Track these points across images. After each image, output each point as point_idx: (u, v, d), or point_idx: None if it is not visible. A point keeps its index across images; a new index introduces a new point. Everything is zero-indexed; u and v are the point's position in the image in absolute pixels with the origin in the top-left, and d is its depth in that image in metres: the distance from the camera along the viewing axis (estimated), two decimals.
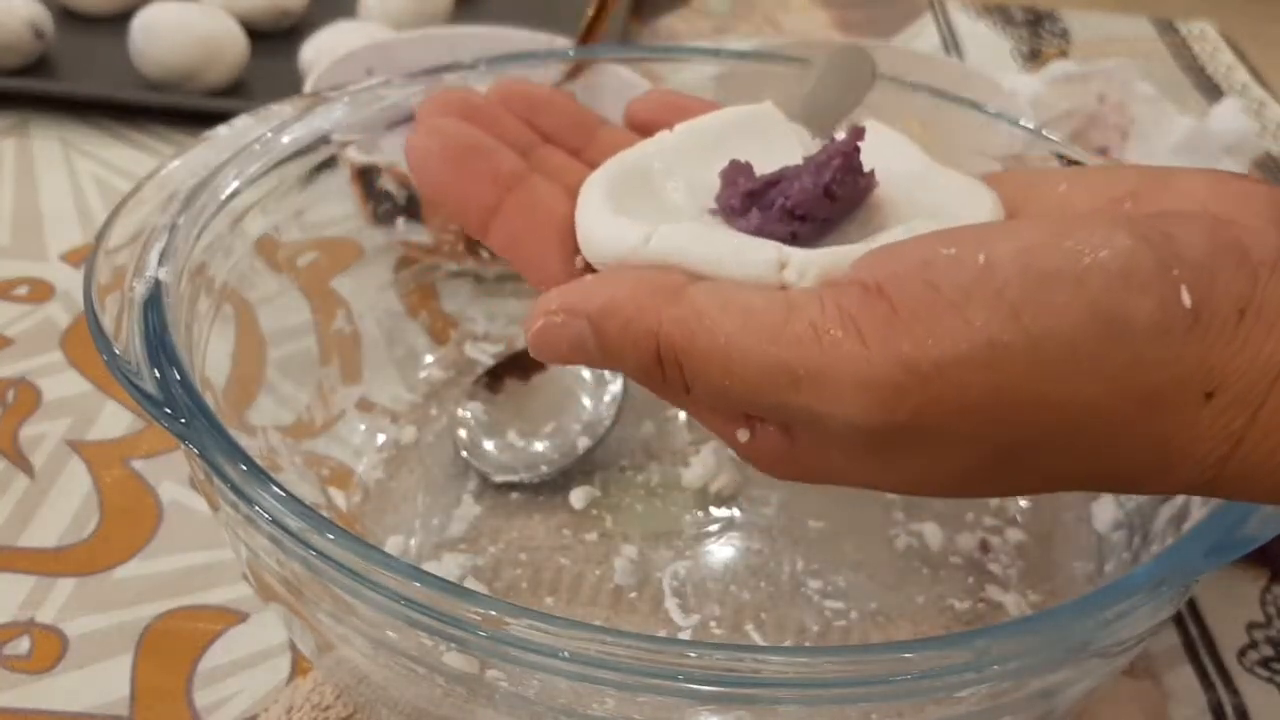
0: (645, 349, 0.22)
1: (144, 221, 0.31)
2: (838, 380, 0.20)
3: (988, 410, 0.20)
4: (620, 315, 0.22)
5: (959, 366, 0.19)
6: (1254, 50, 0.79)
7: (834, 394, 0.20)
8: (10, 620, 0.36)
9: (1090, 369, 0.19)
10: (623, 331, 0.22)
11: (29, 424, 0.43)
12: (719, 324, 0.21)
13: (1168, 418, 0.20)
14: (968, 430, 0.20)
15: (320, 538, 0.24)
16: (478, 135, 0.26)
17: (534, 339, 0.23)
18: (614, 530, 0.38)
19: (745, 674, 0.22)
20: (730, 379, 0.21)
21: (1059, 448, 0.20)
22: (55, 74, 0.65)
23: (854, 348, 0.20)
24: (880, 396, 0.20)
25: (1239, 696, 0.35)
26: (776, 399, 0.21)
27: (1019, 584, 0.37)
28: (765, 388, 0.21)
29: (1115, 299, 0.19)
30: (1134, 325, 0.19)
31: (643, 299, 0.22)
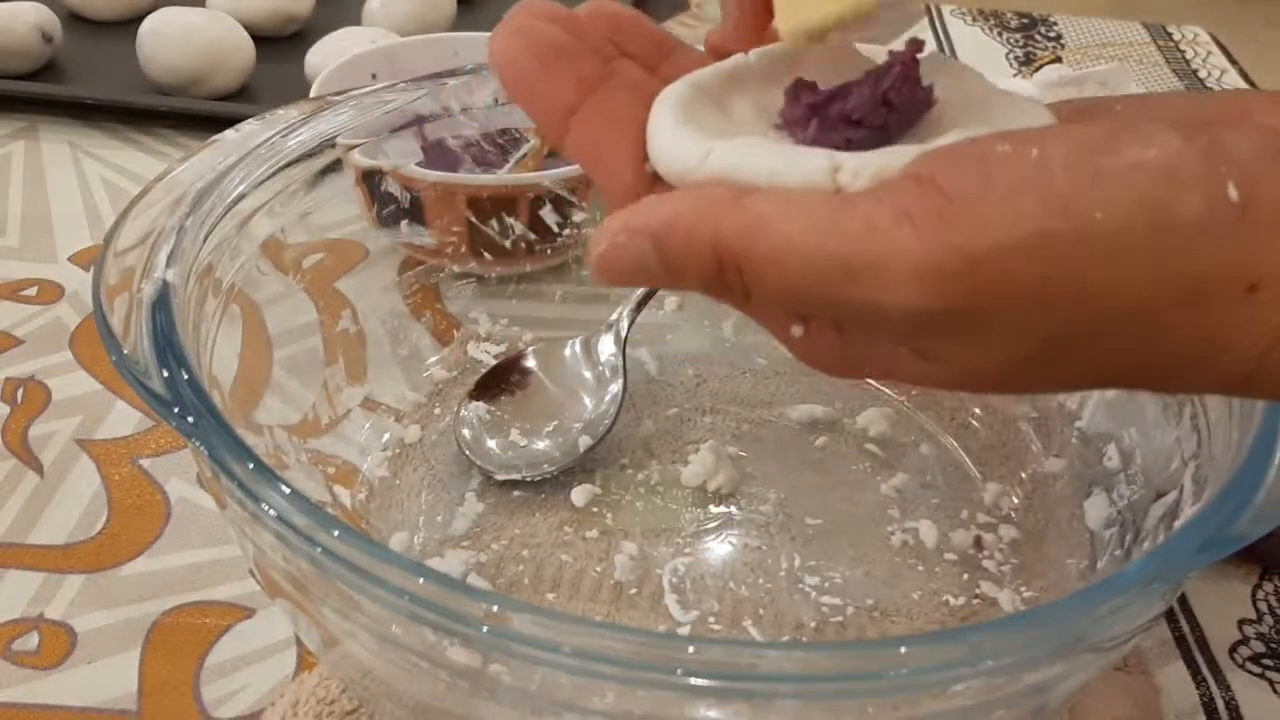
0: (706, 259, 0.22)
1: (152, 223, 0.32)
2: (892, 270, 0.20)
3: (1036, 299, 0.20)
4: (681, 228, 0.22)
5: (1009, 255, 0.20)
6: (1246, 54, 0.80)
7: (888, 283, 0.20)
8: (20, 616, 0.36)
9: (1136, 261, 0.20)
10: (685, 244, 0.22)
11: (38, 423, 0.43)
12: (776, 226, 0.21)
13: (1211, 310, 0.20)
14: (1017, 319, 0.20)
15: (326, 535, 0.24)
16: (564, 37, 0.26)
17: (600, 261, 0.23)
18: (614, 527, 0.39)
19: (743, 668, 0.23)
20: (788, 279, 0.21)
21: (1104, 340, 0.21)
22: (64, 78, 0.66)
23: (908, 237, 0.20)
24: (933, 283, 0.20)
25: (1230, 692, 0.36)
26: (833, 294, 0.21)
27: (1013, 580, 0.37)
28: (822, 285, 0.21)
29: (1162, 193, 0.20)
30: (1180, 219, 0.20)
31: (702, 211, 0.22)
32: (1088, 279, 0.20)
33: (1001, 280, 0.20)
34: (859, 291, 0.21)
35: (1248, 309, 0.20)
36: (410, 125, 0.41)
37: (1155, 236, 0.20)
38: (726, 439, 0.42)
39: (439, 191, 0.44)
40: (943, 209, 0.20)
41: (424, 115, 0.41)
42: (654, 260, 0.22)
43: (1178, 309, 0.20)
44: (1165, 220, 0.20)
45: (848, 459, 0.42)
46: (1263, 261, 0.20)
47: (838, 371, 0.24)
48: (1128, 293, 0.20)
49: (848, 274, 0.21)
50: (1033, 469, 0.40)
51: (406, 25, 0.67)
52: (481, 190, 0.44)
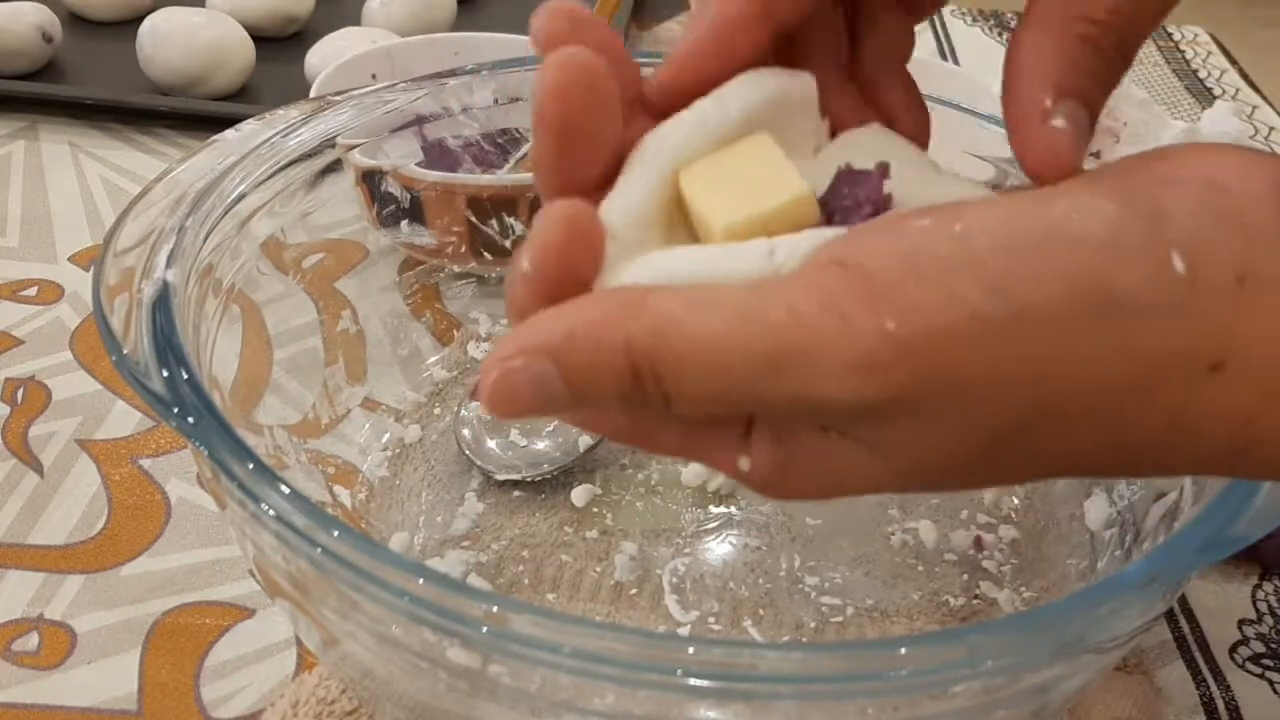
0: (618, 369, 0.20)
1: (152, 224, 0.32)
2: (822, 360, 0.19)
3: (980, 385, 0.19)
4: (585, 341, 0.20)
5: (945, 339, 0.19)
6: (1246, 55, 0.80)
7: (820, 375, 0.19)
8: (20, 616, 0.36)
9: (1082, 343, 0.19)
10: (591, 357, 0.20)
11: (39, 423, 0.43)
12: (690, 322, 0.20)
13: (1172, 393, 0.19)
14: (962, 408, 0.19)
15: (326, 535, 0.24)
16: (611, 86, 0.22)
17: (492, 393, 0.20)
18: (614, 527, 0.39)
19: (743, 669, 0.23)
20: (710, 378, 0.20)
21: (1058, 428, 0.19)
22: (64, 78, 0.66)
23: (835, 325, 0.19)
24: (868, 373, 0.19)
25: (1230, 692, 0.36)
26: (761, 389, 0.20)
27: (1013, 581, 0.37)
28: (748, 380, 0.20)
29: (1103, 269, 0.18)
30: (1125, 296, 0.18)
31: (605, 318, 0.20)
32: (1033, 365, 0.19)
33: (940, 367, 0.19)
34: (788, 385, 0.19)
35: (1213, 391, 0.19)
36: (410, 125, 0.41)
37: (1099, 318, 0.18)
38: None
39: (439, 191, 0.44)
40: (868, 292, 0.19)
41: (424, 115, 0.41)
42: (558, 383, 0.20)
43: (1134, 395, 0.19)
44: (1108, 300, 0.18)
45: None
46: (1224, 337, 0.19)
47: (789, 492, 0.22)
48: (1078, 378, 0.19)
49: (774, 367, 0.19)
50: None
51: (406, 25, 0.67)
52: (481, 190, 0.44)
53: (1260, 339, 0.19)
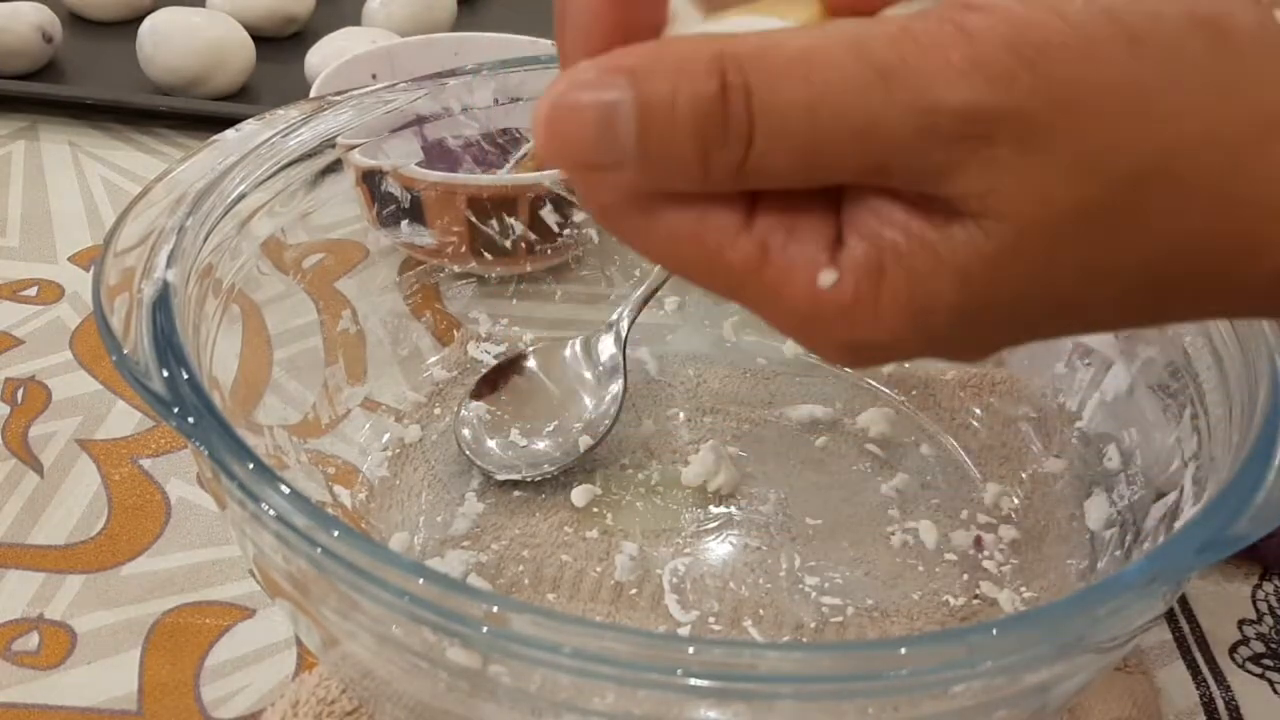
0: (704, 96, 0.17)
1: (152, 224, 0.32)
2: (937, 64, 0.17)
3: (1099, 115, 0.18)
4: (670, 64, 0.18)
5: (1062, 57, 0.17)
6: None
7: (934, 79, 0.17)
8: (20, 616, 0.36)
9: (1197, 78, 0.18)
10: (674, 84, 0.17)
11: (39, 423, 0.43)
12: (790, 39, 0.18)
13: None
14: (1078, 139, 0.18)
15: (326, 535, 0.24)
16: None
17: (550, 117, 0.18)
18: (614, 527, 0.39)
19: (743, 669, 0.23)
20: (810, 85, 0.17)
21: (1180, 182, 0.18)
22: (64, 78, 0.66)
23: (952, 35, 0.17)
24: (988, 74, 0.17)
25: (1230, 692, 0.36)
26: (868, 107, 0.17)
27: (1013, 580, 0.37)
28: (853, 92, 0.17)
29: (1215, 9, 0.18)
30: (1236, 35, 0.18)
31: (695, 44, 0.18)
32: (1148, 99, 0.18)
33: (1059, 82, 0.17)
34: (899, 94, 0.17)
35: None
36: (410, 125, 0.41)
37: (1212, 53, 0.18)
38: (726, 439, 0.42)
39: (439, 191, 0.44)
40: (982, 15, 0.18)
41: (424, 115, 0.41)
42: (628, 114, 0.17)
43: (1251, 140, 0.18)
44: (1221, 36, 0.18)
45: (848, 459, 0.42)
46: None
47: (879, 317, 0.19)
48: (1194, 118, 0.18)
49: (882, 76, 0.17)
50: (1033, 469, 0.40)
51: (406, 25, 0.67)
52: (481, 190, 0.44)
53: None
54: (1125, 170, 0.18)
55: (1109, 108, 0.18)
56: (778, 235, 0.19)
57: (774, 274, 0.19)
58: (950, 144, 0.18)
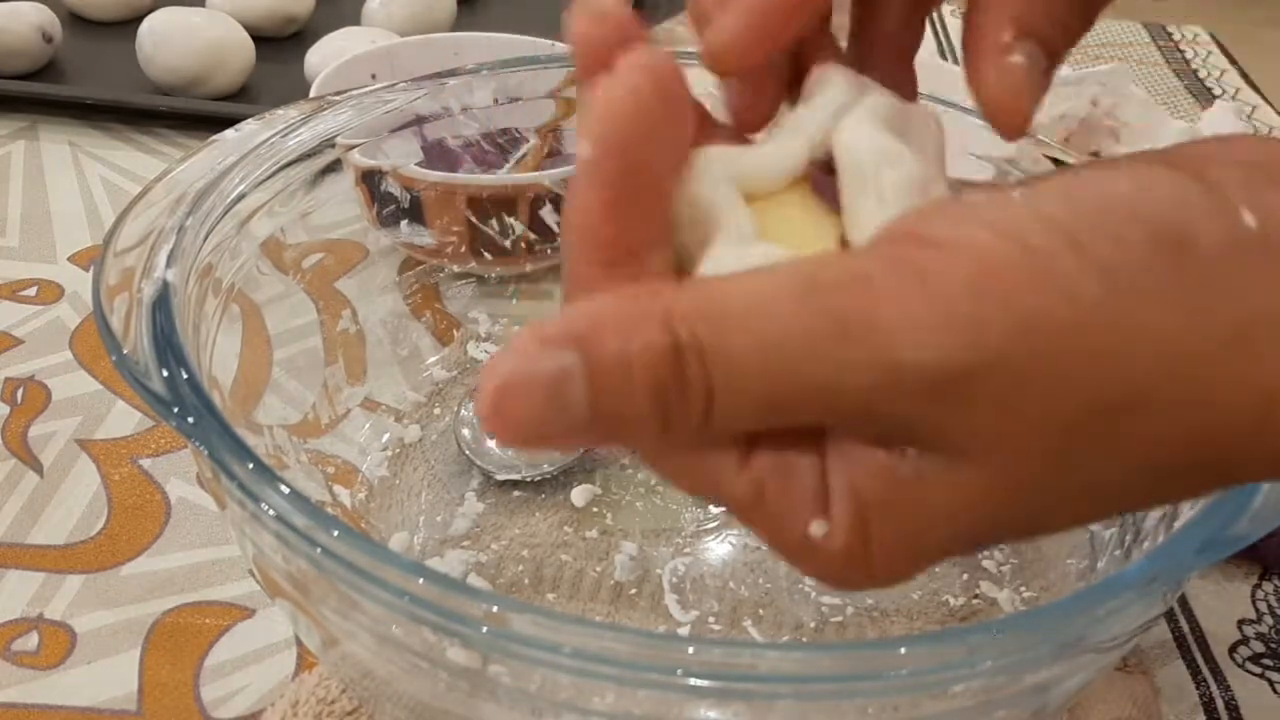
0: (657, 350, 0.17)
1: (152, 223, 0.32)
2: (900, 319, 0.17)
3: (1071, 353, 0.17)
4: (617, 324, 0.17)
5: (1032, 292, 0.17)
6: (1246, 55, 0.80)
7: (898, 336, 0.17)
8: (19, 616, 0.36)
9: (1167, 299, 0.17)
10: (625, 343, 0.17)
11: (38, 423, 0.43)
12: (740, 291, 0.17)
13: (1262, 355, 0.18)
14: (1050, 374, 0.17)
15: (326, 535, 0.24)
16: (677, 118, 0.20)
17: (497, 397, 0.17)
18: (614, 527, 0.39)
19: (743, 669, 0.23)
20: (766, 343, 0.17)
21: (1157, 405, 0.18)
22: (64, 78, 0.66)
23: (913, 283, 0.17)
24: (956, 329, 0.17)
25: (1230, 692, 0.36)
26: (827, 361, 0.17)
27: (1012, 580, 0.37)
28: (812, 346, 0.17)
29: (1180, 224, 0.17)
30: (1202, 248, 0.17)
31: (639, 302, 0.17)
32: (1119, 325, 0.17)
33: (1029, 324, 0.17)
34: (860, 351, 0.17)
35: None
36: (410, 125, 0.41)
37: (1180, 272, 0.17)
38: None
39: (439, 191, 0.44)
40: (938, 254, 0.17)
41: (424, 115, 0.41)
42: (579, 381, 0.17)
43: (1225, 353, 0.18)
44: (1187, 253, 0.17)
45: None
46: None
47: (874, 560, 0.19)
48: (1165, 339, 0.17)
49: (841, 330, 0.17)
50: None
51: (406, 25, 0.67)
52: (481, 190, 0.44)
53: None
54: (1102, 402, 0.18)
55: (1083, 344, 0.17)
56: (774, 480, 0.19)
57: (771, 515, 0.19)
58: (918, 401, 0.17)
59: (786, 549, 0.19)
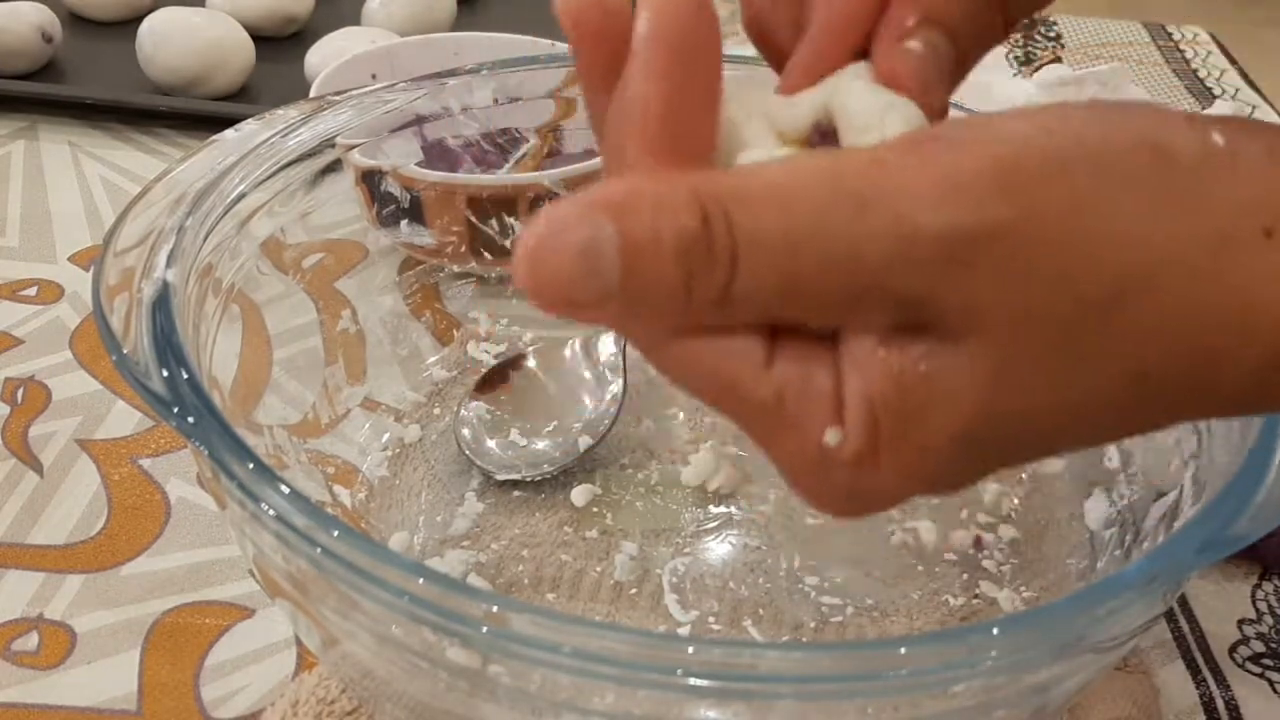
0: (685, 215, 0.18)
1: (152, 223, 0.32)
2: (912, 188, 0.18)
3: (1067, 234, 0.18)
4: (653, 197, 0.18)
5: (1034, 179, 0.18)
6: (1246, 54, 0.80)
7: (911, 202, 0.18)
8: (19, 616, 0.36)
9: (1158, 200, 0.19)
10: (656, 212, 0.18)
11: (38, 423, 0.43)
12: (768, 169, 0.19)
13: (1240, 260, 0.19)
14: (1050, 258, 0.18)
15: (326, 535, 0.24)
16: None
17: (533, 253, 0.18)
18: (614, 527, 0.39)
19: (743, 669, 0.23)
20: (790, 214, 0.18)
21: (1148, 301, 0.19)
22: (64, 78, 0.66)
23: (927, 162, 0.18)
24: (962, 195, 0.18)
25: (1230, 692, 0.36)
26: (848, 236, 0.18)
27: (1012, 580, 0.37)
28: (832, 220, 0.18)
29: (1158, 131, 0.19)
30: (1180, 156, 0.19)
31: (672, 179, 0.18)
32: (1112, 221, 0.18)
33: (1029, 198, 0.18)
34: (877, 220, 0.18)
35: (1271, 257, 0.19)
36: (410, 125, 0.41)
37: (1163, 173, 0.19)
38: (726, 439, 0.42)
39: (439, 191, 0.44)
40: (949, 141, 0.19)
41: (424, 115, 0.41)
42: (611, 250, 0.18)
43: (1213, 258, 0.19)
44: (1168, 158, 0.19)
45: None
46: (1269, 205, 0.19)
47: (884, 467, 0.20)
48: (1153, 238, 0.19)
49: (859, 204, 0.18)
50: (1033, 469, 0.40)
51: (406, 25, 0.67)
52: (481, 190, 0.44)
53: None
54: (1097, 290, 0.19)
55: (1080, 229, 0.18)
56: (794, 385, 0.19)
57: (789, 422, 0.20)
58: (929, 268, 0.18)
59: (797, 457, 0.20)
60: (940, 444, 0.19)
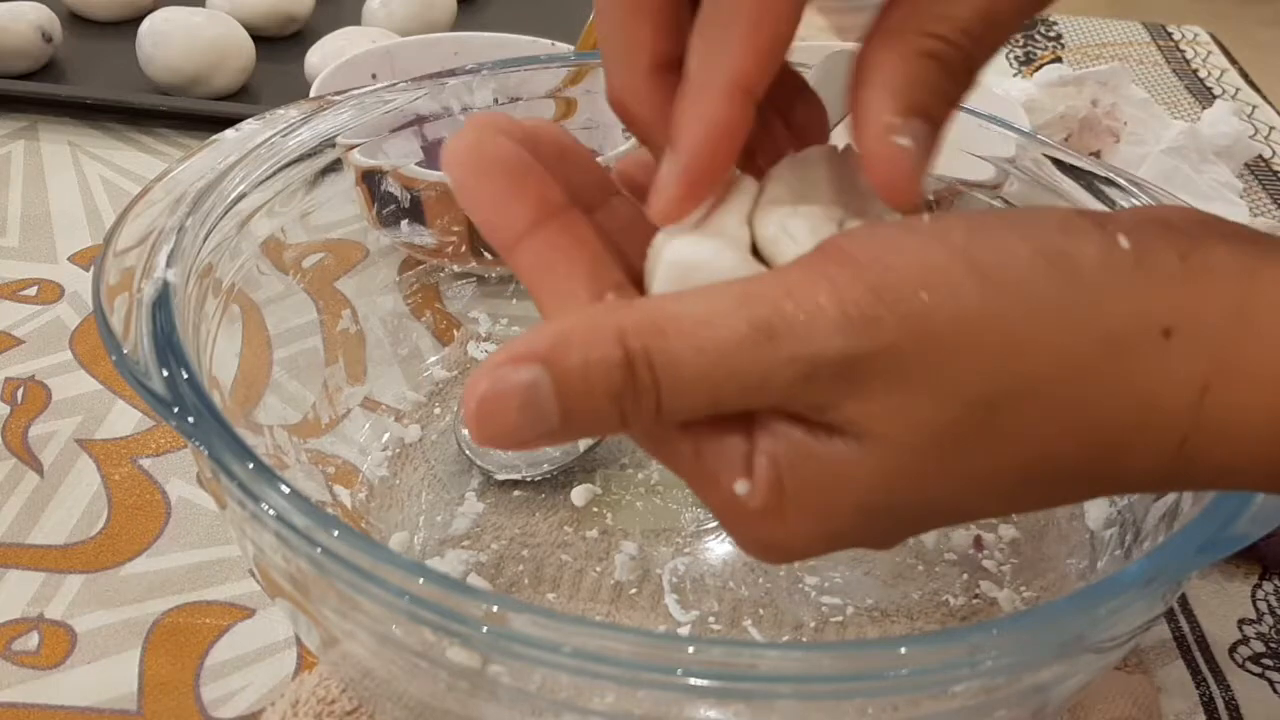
0: (613, 363, 0.20)
1: (152, 223, 0.32)
2: (814, 320, 0.20)
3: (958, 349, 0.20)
4: (577, 342, 0.20)
5: (924, 298, 0.20)
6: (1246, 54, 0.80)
7: (812, 332, 0.20)
8: (20, 616, 0.36)
9: (1047, 310, 0.20)
10: (584, 357, 0.20)
11: (39, 423, 0.43)
12: (682, 309, 0.21)
13: (1134, 361, 0.20)
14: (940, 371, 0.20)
15: (326, 535, 0.24)
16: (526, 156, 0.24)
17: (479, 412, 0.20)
18: (614, 527, 0.39)
19: (743, 669, 0.23)
20: (705, 349, 0.20)
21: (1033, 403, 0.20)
22: (64, 78, 0.66)
23: (826, 288, 0.20)
24: (858, 325, 0.20)
25: (1230, 692, 0.36)
26: (757, 365, 0.20)
27: (1013, 580, 0.37)
28: (744, 350, 0.20)
29: (1059, 242, 0.20)
30: (1080, 264, 0.20)
31: (595, 321, 0.20)
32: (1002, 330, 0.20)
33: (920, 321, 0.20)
34: (783, 349, 0.20)
35: (1168, 357, 0.20)
36: (410, 125, 0.41)
37: (1060, 284, 0.20)
38: None
39: (439, 191, 0.44)
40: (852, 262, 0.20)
41: (424, 115, 0.41)
42: (547, 391, 0.20)
43: (1100, 362, 0.20)
44: (1067, 267, 0.20)
45: None
46: (1172, 304, 0.20)
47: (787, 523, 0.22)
48: (1046, 346, 0.20)
49: (769, 335, 0.20)
50: None
51: (406, 25, 0.67)
52: None
53: (1205, 308, 0.20)
54: (980, 395, 0.20)
55: (962, 341, 0.20)
56: (710, 442, 0.22)
57: (706, 474, 0.22)
58: (829, 386, 0.20)
59: (717, 508, 0.22)
60: (844, 511, 0.21)
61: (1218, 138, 0.60)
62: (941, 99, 0.23)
